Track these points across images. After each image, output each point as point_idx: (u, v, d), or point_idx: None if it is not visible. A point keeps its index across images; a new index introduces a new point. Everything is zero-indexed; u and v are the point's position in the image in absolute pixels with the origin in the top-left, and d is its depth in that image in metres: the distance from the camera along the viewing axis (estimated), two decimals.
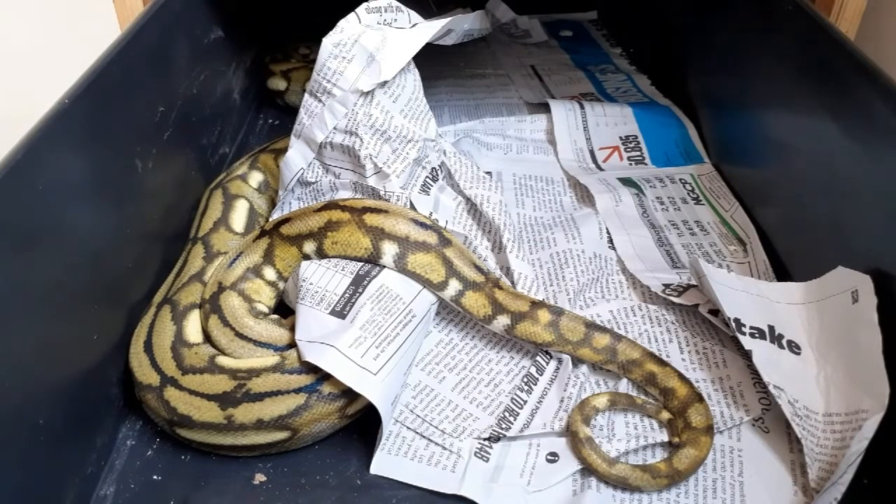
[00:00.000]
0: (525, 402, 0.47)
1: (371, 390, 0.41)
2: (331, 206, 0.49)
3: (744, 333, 0.47)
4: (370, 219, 0.48)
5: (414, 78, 0.55)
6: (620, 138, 0.74)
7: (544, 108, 0.78)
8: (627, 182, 0.67)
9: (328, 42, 0.51)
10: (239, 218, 0.57)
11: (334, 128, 0.52)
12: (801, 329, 0.48)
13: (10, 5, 0.90)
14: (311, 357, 0.42)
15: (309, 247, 0.49)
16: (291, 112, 0.65)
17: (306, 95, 0.53)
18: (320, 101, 0.52)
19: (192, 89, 0.62)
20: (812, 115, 0.54)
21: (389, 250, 0.48)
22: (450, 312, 0.53)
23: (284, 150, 0.56)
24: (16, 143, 0.38)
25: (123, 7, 0.71)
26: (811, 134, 0.55)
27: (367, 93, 0.51)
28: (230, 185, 0.60)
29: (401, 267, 0.48)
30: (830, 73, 0.52)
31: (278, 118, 0.81)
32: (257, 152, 0.64)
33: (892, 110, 0.45)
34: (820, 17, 0.55)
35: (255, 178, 0.61)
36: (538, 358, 0.50)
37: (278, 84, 0.79)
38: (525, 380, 0.49)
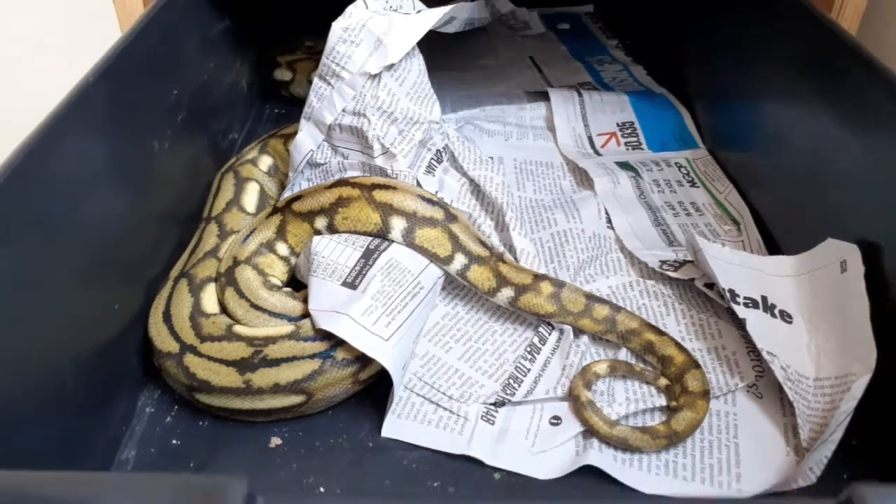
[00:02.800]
0: (529, 370, 0.49)
1: (383, 355, 0.43)
2: (341, 183, 0.51)
3: (738, 303, 0.49)
4: (379, 195, 0.50)
5: (419, 63, 0.57)
6: (617, 125, 0.76)
7: (543, 96, 0.80)
8: (625, 166, 0.69)
9: (337, 27, 0.53)
10: (250, 199, 0.59)
11: (343, 110, 0.54)
12: (792, 299, 0.50)
13: (9, 5, 0.90)
14: (325, 325, 0.44)
15: (320, 222, 0.51)
16: (296, 103, 0.67)
17: (316, 79, 0.55)
18: (329, 83, 0.54)
19: (202, 76, 0.64)
20: (805, 102, 0.56)
21: (398, 225, 0.50)
22: (455, 287, 0.55)
23: (293, 135, 0.58)
24: (35, 127, 0.40)
25: (123, 7, 0.72)
26: (804, 120, 0.57)
27: (375, 76, 0.53)
28: (241, 168, 0.62)
29: (409, 241, 0.50)
30: (824, 62, 0.54)
31: (284, 108, 0.83)
32: (266, 137, 0.65)
33: (886, 96, 0.47)
34: (814, 9, 0.57)
35: (265, 161, 0.63)
36: (541, 329, 0.52)
37: (284, 75, 0.81)
38: (528, 349, 0.51)
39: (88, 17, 0.84)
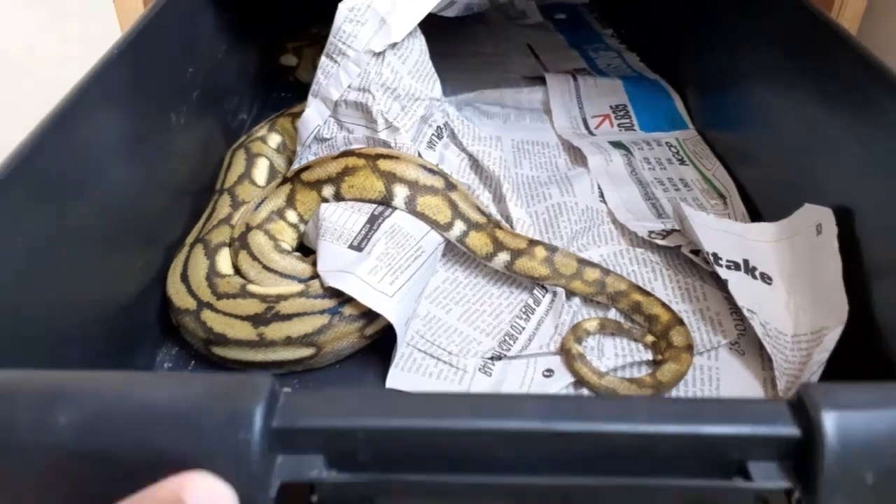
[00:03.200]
0: (523, 328, 0.52)
1: (387, 310, 0.46)
2: (347, 153, 0.54)
3: (721, 266, 0.52)
4: (383, 164, 0.53)
5: (420, 43, 0.60)
6: (611, 107, 0.79)
7: (540, 81, 0.83)
8: (617, 145, 0.73)
9: (343, 7, 0.56)
10: (261, 173, 0.62)
11: (349, 86, 0.57)
12: (772, 262, 0.53)
13: (10, 6, 0.89)
14: (334, 283, 0.47)
15: (327, 191, 0.54)
16: (301, 88, 0.70)
17: (323, 58, 0.58)
18: (336, 61, 0.57)
19: (215, 57, 0.67)
20: (789, 84, 0.59)
21: (401, 193, 0.53)
22: (455, 255, 0.58)
23: (300, 113, 0.61)
24: (63, 96, 0.43)
25: (123, 7, 0.73)
26: (788, 101, 0.60)
27: (379, 54, 0.56)
28: (251, 145, 0.65)
29: (411, 208, 0.53)
30: (811, 47, 0.57)
31: (290, 92, 0.86)
32: (275, 117, 0.69)
33: (868, 77, 0.49)
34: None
35: (274, 139, 0.66)
36: (535, 291, 0.55)
37: (290, 60, 0.84)
38: (523, 310, 0.54)
39: (88, 17, 0.85)
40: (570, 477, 0.24)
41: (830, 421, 0.24)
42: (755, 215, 0.63)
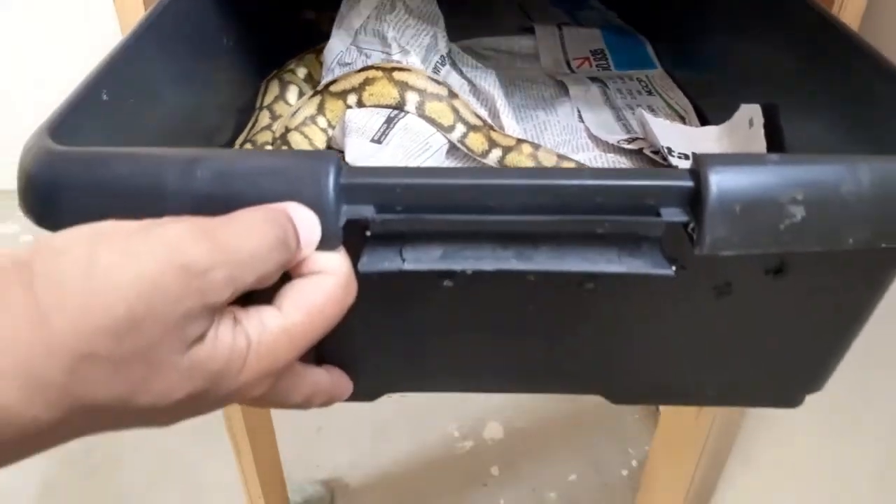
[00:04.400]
0: None
1: None
2: (367, 68, 0.66)
3: (673, 156, 0.63)
4: (398, 75, 0.64)
5: None
6: (591, 52, 0.91)
7: (529, 31, 0.95)
8: (595, 80, 0.84)
9: None
10: (293, 96, 0.74)
11: (367, 16, 0.69)
12: (716, 151, 0.65)
13: (9, 6, 0.93)
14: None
15: (351, 99, 0.66)
16: (323, 38, 0.82)
17: None
18: None
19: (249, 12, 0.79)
20: (744, 29, 0.71)
21: (412, 99, 0.64)
22: (456, 159, 0.70)
23: (323, 49, 0.73)
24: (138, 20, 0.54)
25: (123, 7, 0.74)
26: (742, 44, 0.72)
27: None
28: (283, 75, 0.77)
29: (420, 112, 0.65)
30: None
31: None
32: (303, 54, 0.80)
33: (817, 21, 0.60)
34: None
35: (302, 71, 0.78)
36: None
37: (310, 14, 0.96)
38: None
39: (89, 17, 0.87)
40: (540, 216, 0.36)
41: (713, 176, 0.35)
42: None
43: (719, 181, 0.35)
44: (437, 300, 0.43)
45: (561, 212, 0.36)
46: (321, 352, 0.44)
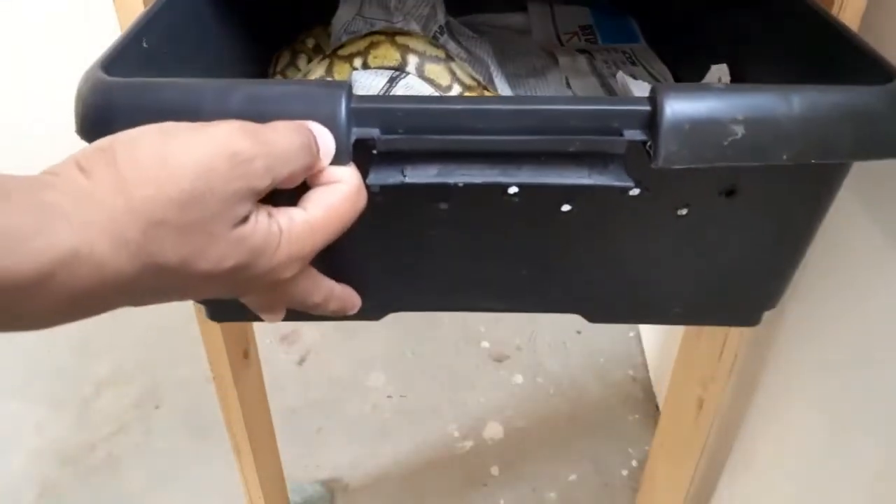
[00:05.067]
0: None
1: None
2: (372, 33, 0.72)
3: None
4: (400, 39, 0.71)
5: None
6: (579, 27, 0.98)
7: (522, 9, 1.01)
8: (583, 51, 0.91)
9: None
10: (303, 63, 0.81)
11: None
12: None
13: (10, 6, 0.96)
14: None
15: (357, 62, 0.72)
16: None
17: None
18: None
19: None
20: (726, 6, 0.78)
21: (412, 61, 0.71)
22: None
23: (330, 22, 0.80)
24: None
25: (123, 7, 0.74)
26: (722, 17, 0.79)
27: None
28: (294, 46, 0.83)
29: (420, 74, 0.71)
30: None
31: None
32: (310, 29, 0.87)
33: None
34: None
35: (311, 42, 0.85)
36: None
37: None
38: None
39: (89, 16, 0.88)
40: (522, 136, 0.42)
41: (667, 101, 0.42)
42: None
43: (672, 105, 0.41)
44: (433, 222, 0.50)
45: (540, 133, 0.42)
46: (333, 272, 0.50)
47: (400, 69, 0.71)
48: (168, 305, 0.38)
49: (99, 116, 0.42)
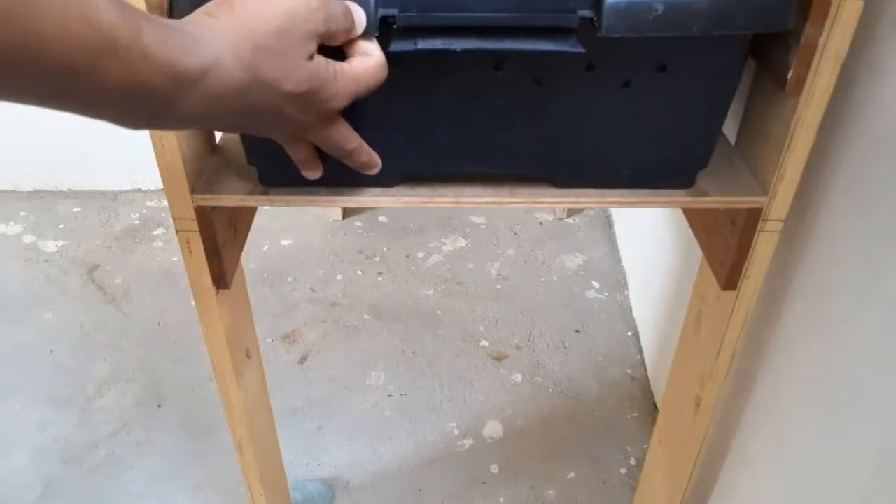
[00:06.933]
0: None
1: None
2: None
3: None
4: None
5: None
6: None
7: None
8: None
9: None
10: None
11: None
12: None
13: None
14: None
15: None
16: None
17: None
18: None
19: None
20: None
21: None
22: None
23: None
24: None
25: None
26: None
27: None
28: None
29: None
30: None
31: None
32: None
33: None
34: None
35: None
36: None
37: None
38: None
39: None
40: (504, 13, 0.52)
41: None
42: None
43: None
44: (434, 93, 0.61)
45: (517, 11, 0.53)
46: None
47: None
48: (170, 305, 0.39)
49: None
